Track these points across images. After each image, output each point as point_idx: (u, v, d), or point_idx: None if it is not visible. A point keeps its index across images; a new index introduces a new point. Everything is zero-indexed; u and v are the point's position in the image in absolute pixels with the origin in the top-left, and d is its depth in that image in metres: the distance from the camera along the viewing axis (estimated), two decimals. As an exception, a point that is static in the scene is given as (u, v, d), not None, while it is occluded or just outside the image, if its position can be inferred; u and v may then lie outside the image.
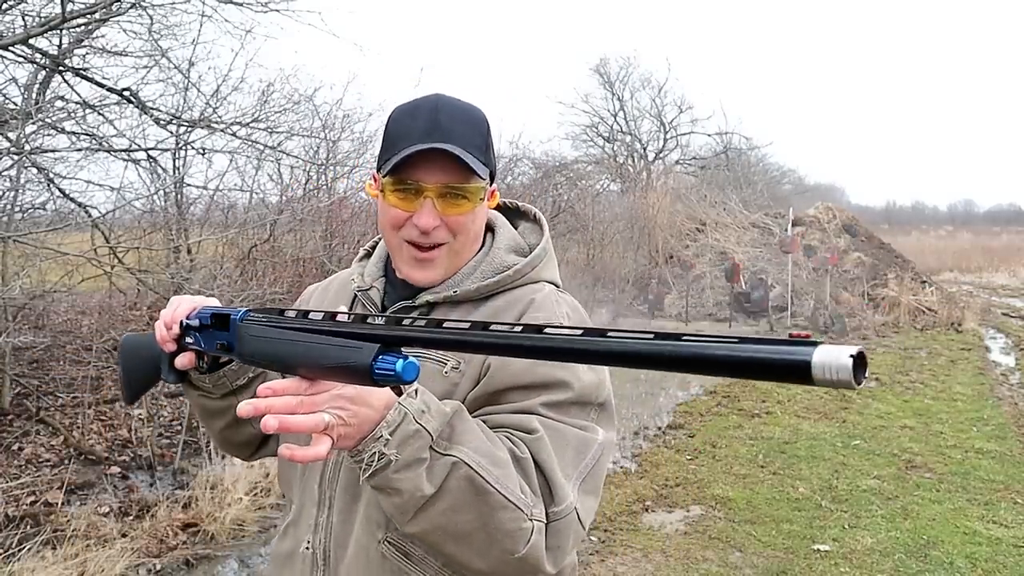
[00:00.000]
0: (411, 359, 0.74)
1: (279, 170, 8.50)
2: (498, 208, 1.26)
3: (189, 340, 1.09)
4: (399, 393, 0.89)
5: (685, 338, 0.55)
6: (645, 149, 22.70)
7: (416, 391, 0.90)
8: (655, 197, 16.89)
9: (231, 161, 7.46)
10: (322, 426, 0.80)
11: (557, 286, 1.21)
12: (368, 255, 1.30)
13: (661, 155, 22.73)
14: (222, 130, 6.35)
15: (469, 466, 0.91)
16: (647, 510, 4.69)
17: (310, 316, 0.84)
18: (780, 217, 16.60)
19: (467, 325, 0.70)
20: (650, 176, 20.95)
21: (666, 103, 22.78)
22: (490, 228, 1.22)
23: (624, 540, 4.19)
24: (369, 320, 0.81)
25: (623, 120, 22.68)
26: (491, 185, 1.15)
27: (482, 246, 1.20)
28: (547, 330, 0.64)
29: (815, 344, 0.48)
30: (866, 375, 0.48)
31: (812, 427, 6.60)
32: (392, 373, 0.73)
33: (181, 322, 1.09)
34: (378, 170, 1.15)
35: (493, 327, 0.67)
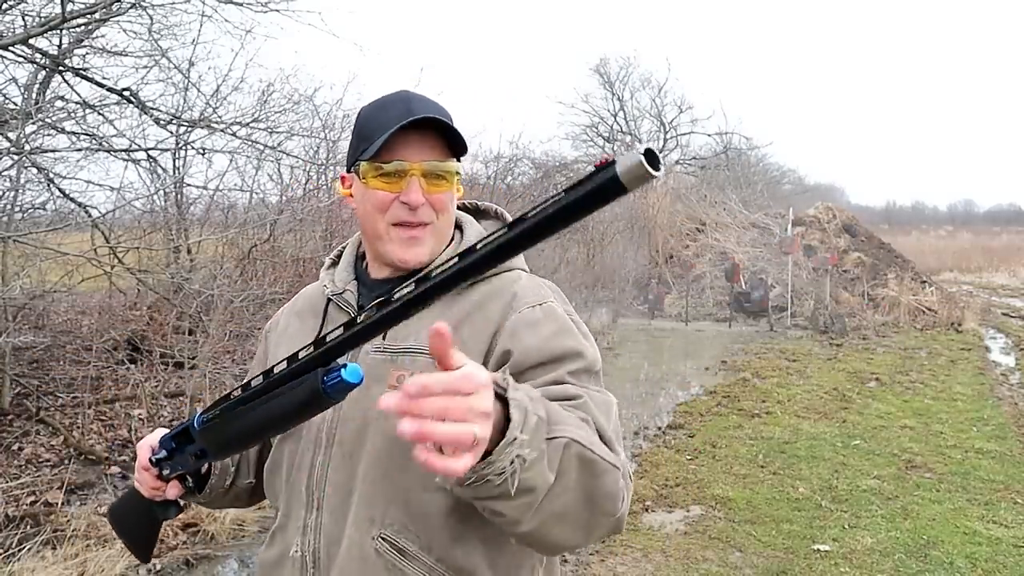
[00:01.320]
0: (350, 364, 0.78)
1: (279, 170, 8.51)
2: (463, 209, 1.29)
3: (167, 472, 1.10)
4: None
5: (529, 216, 0.64)
6: (645, 149, 22.64)
7: (506, 380, 0.84)
8: (655, 197, 16.89)
9: (231, 161, 7.46)
10: (470, 440, 0.73)
11: (525, 271, 1.24)
12: (335, 264, 1.29)
13: (661, 155, 22.71)
14: (222, 130, 6.35)
15: (578, 442, 0.89)
16: (647, 510, 4.69)
17: (251, 384, 0.86)
18: (780, 217, 16.60)
19: (406, 291, 0.73)
20: (650, 176, 20.88)
21: (666, 103, 22.85)
22: (458, 226, 1.24)
23: (624, 540, 4.19)
24: (301, 353, 0.82)
25: (623, 120, 22.71)
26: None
27: (451, 241, 1.21)
28: (452, 260, 0.70)
29: (613, 162, 0.59)
30: (661, 164, 0.59)
31: (812, 427, 6.60)
32: (341, 384, 0.76)
33: (151, 459, 1.10)
34: (350, 167, 1.17)
35: (433, 275, 0.71)
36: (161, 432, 1.12)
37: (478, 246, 0.68)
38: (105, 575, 3.55)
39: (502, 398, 0.82)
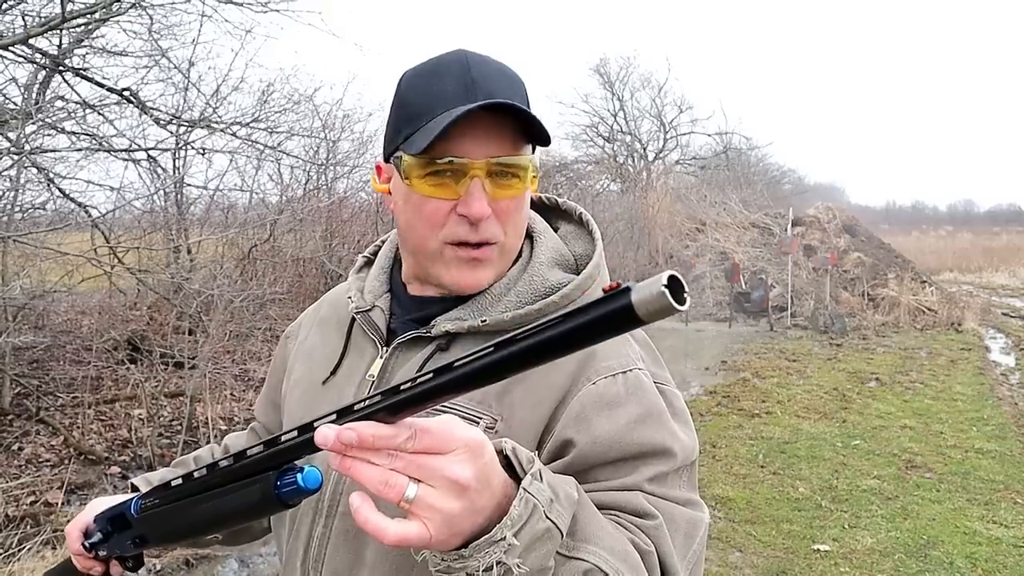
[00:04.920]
0: (309, 467, 0.67)
1: (279, 170, 8.52)
2: (531, 204, 0.99)
3: (103, 554, 0.98)
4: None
5: (519, 338, 0.55)
6: (645, 149, 22.69)
7: (533, 463, 0.66)
8: (655, 197, 16.90)
9: (231, 161, 7.48)
10: (397, 495, 0.58)
11: None
12: (368, 263, 1.05)
13: (661, 155, 22.72)
14: (222, 130, 6.36)
15: (606, 574, 0.69)
16: (647, 510, 4.68)
17: (195, 476, 0.78)
18: (780, 217, 16.61)
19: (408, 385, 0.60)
20: (650, 176, 20.94)
21: (666, 103, 22.75)
22: (527, 234, 0.95)
23: (624, 540, 4.19)
24: (250, 451, 0.70)
25: (623, 120, 22.68)
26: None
27: (518, 256, 0.93)
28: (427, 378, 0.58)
29: (628, 289, 0.50)
30: (686, 293, 0.49)
31: (812, 427, 6.60)
32: (297, 488, 0.67)
33: (84, 544, 0.98)
34: (389, 155, 0.89)
35: (402, 387, 0.59)
36: (98, 505, 1.00)
37: (455, 363, 0.57)
38: (105, 575, 3.55)
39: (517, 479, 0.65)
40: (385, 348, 0.94)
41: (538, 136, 0.84)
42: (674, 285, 0.48)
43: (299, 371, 1.04)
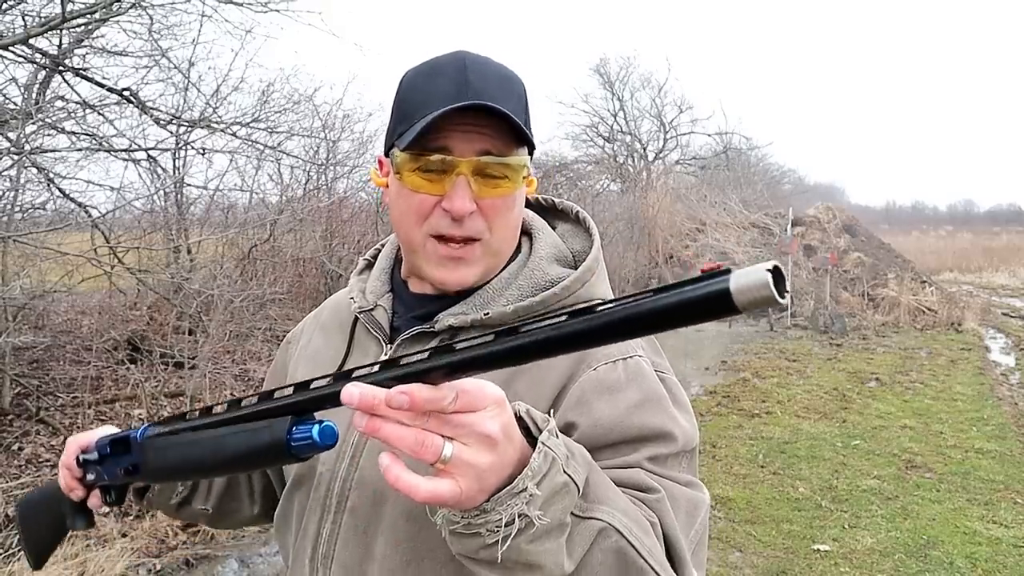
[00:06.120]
0: (327, 422, 0.65)
1: (279, 170, 8.51)
2: (529, 205, 1.02)
3: (91, 477, 0.96)
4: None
5: (600, 308, 0.52)
6: (645, 149, 22.68)
7: (548, 422, 0.67)
8: (655, 197, 16.89)
9: (231, 161, 7.47)
10: (431, 454, 0.58)
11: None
12: (369, 266, 1.06)
13: (661, 155, 22.71)
14: (222, 130, 6.36)
15: (621, 534, 0.69)
16: (647, 510, 4.68)
17: (214, 410, 0.75)
18: (780, 217, 16.60)
19: (421, 357, 0.59)
20: (650, 176, 20.93)
21: (666, 103, 22.72)
22: (526, 231, 0.98)
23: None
24: (276, 394, 0.69)
25: (623, 120, 22.66)
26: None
27: (516, 252, 0.97)
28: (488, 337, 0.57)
29: (727, 271, 0.47)
30: (787, 288, 0.46)
31: (812, 427, 6.60)
32: (309, 441, 0.64)
33: (78, 458, 0.97)
34: (388, 150, 0.91)
35: (459, 347, 0.58)
36: (103, 431, 0.99)
37: (531, 327, 0.54)
38: (105, 575, 3.55)
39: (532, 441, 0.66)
40: (389, 345, 0.95)
41: (527, 139, 0.86)
42: (777, 276, 0.45)
43: (303, 374, 1.05)
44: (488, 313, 0.89)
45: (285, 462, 0.68)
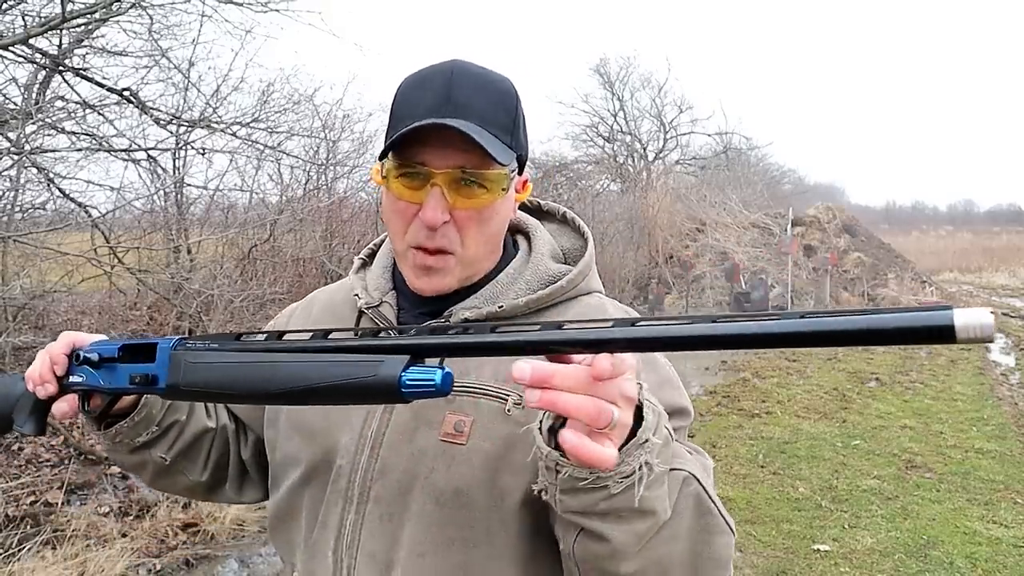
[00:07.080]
0: (448, 368, 0.64)
1: (279, 170, 8.50)
2: (521, 207, 1.06)
3: (77, 378, 0.87)
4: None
5: (821, 314, 0.55)
6: (645, 149, 22.68)
7: (642, 384, 0.70)
8: (655, 197, 16.89)
9: (231, 161, 7.46)
10: (606, 420, 0.61)
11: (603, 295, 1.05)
12: (365, 264, 1.08)
13: (661, 155, 22.71)
14: (222, 130, 6.36)
15: (697, 480, 0.77)
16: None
17: (285, 337, 0.71)
18: (780, 217, 16.61)
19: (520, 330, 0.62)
20: (650, 176, 20.93)
21: (666, 103, 22.72)
22: (523, 231, 1.03)
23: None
24: (382, 335, 0.69)
25: (623, 120, 22.66)
26: (520, 173, 0.95)
27: (515, 249, 1.02)
28: (641, 322, 0.60)
29: (949, 307, 0.52)
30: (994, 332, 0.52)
31: (812, 427, 6.60)
32: (431, 385, 0.62)
33: (76, 353, 0.87)
34: (381, 154, 0.93)
35: (568, 326, 0.60)
36: (100, 337, 0.90)
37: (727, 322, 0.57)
38: (105, 575, 3.55)
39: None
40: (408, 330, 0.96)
41: (516, 147, 0.90)
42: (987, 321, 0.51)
43: None
44: (502, 306, 0.93)
45: (385, 401, 0.66)
